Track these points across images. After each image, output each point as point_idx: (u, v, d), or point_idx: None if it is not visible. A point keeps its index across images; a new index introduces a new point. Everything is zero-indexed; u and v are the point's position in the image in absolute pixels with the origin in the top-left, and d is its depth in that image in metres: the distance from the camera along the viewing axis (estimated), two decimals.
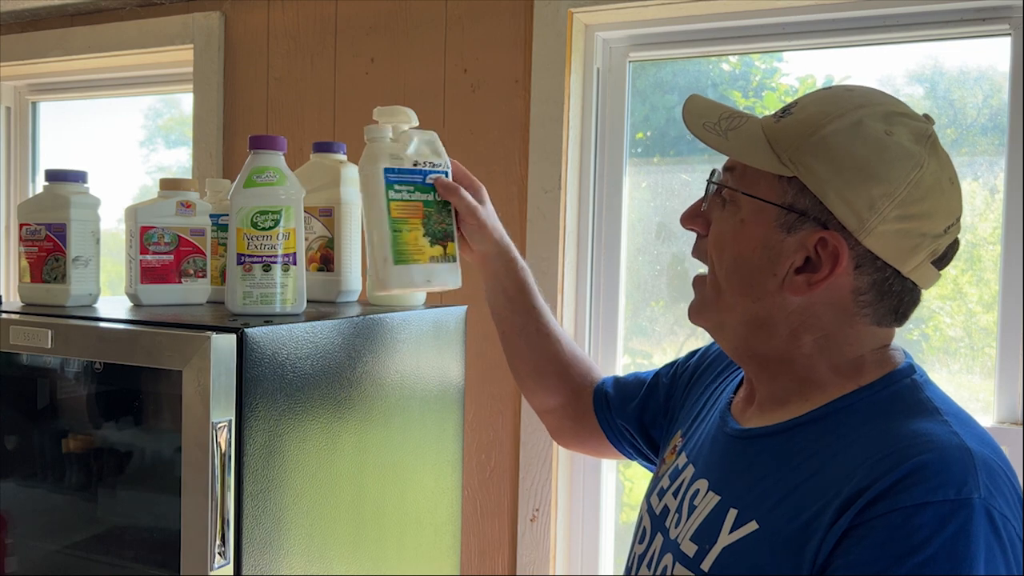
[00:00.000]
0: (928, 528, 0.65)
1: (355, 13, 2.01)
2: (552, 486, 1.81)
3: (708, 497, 0.84)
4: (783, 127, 0.80)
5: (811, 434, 0.79)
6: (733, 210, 0.83)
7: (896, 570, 0.65)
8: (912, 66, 1.70)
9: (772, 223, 0.80)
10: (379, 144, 1.13)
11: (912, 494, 0.66)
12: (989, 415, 1.59)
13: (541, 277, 1.80)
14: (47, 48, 2.38)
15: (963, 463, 0.68)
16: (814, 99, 0.82)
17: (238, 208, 1.11)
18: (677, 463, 0.94)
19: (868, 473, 0.69)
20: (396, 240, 1.09)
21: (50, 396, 1.28)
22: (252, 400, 1.00)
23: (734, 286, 0.83)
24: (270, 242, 1.11)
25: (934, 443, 0.70)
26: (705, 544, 0.80)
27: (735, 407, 0.92)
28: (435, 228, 1.11)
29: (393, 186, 1.10)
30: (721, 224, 0.84)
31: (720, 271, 0.84)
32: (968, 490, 0.66)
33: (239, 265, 1.11)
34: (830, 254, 0.77)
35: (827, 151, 0.76)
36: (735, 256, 0.83)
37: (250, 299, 1.11)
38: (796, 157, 0.77)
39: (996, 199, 1.61)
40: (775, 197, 0.79)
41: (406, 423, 1.29)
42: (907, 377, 0.79)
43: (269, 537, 1.03)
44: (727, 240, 0.83)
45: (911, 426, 0.73)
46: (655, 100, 1.91)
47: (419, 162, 1.12)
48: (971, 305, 1.65)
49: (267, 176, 1.11)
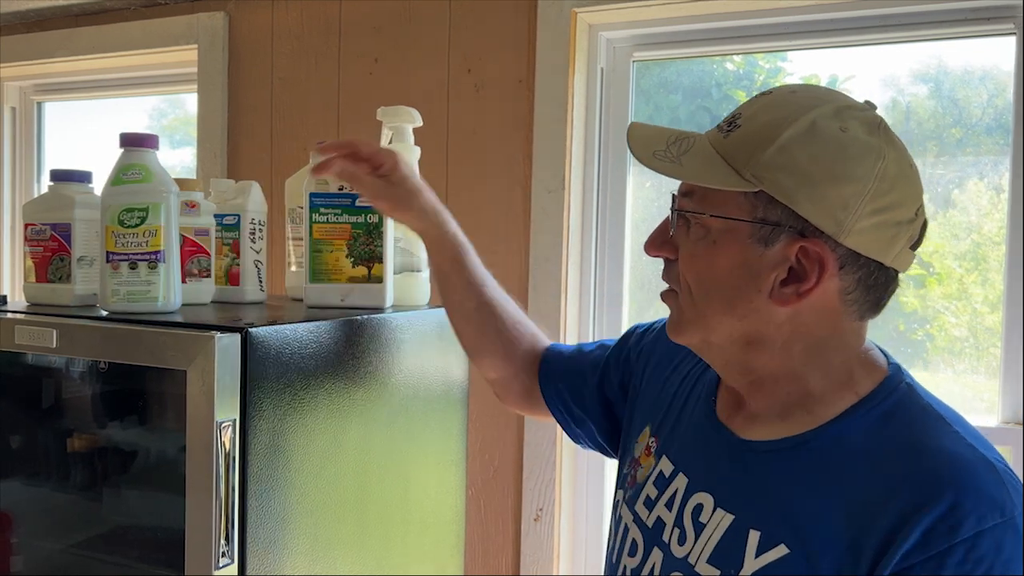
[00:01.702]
0: (989, 557, 0.67)
1: (359, 13, 2.01)
2: (556, 485, 1.81)
3: (718, 515, 0.82)
4: (735, 141, 0.78)
5: (824, 453, 0.78)
6: (701, 232, 0.81)
7: None
8: (916, 65, 1.70)
9: (747, 240, 0.78)
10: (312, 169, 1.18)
11: (966, 526, 0.68)
12: (993, 415, 1.58)
13: (545, 277, 1.80)
14: (52, 48, 2.38)
15: (993, 481, 0.71)
16: (759, 108, 0.80)
17: (106, 206, 1.12)
18: (660, 469, 0.91)
19: (907, 502, 0.70)
20: (314, 260, 1.20)
21: (55, 395, 1.28)
22: (256, 399, 1.00)
23: (716, 307, 0.81)
24: (136, 240, 1.11)
25: (962, 464, 0.72)
26: (729, 569, 0.78)
27: (721, 411, 0.89)
28: (361, 250, 1.20)
29: (318, 209, 1.20)
30: (692, 248, 0.82)
31: (698, 294, 0.82)
32: (1009, 509, 0.69)
33: (108, 263, 1.12)
34: (814, 261, 0.76)
35: (789, 160, 0.75)
36: (713, 279, 0.81)
37: (118, 297, 1.12)
38: (758, 171, 0.76)
39: (1001, 199, 1.61)
40: (745, 214, 0.77)
41: (410, 422, 1.29)
42: (900, 382, 0.80)
43: (273, 537, 1.03)
44: (701, 264, 0.81)
45: (933, 444, 0.74)
46: (659, 100, 1.91)
47: (346, 187, 1.18)
48: (976, 305, 1.65)
49: (133, 174, 1.11)
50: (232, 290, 1.35)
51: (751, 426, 0.84)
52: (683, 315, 0.85)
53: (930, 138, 1.69)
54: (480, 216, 1.88)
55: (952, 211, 1.66)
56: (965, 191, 1.65)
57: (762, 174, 0.75)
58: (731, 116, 0.82)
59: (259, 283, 1.37)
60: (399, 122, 1.35)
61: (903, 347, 1.66)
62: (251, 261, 1.35)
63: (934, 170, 1.68)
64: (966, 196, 1.65)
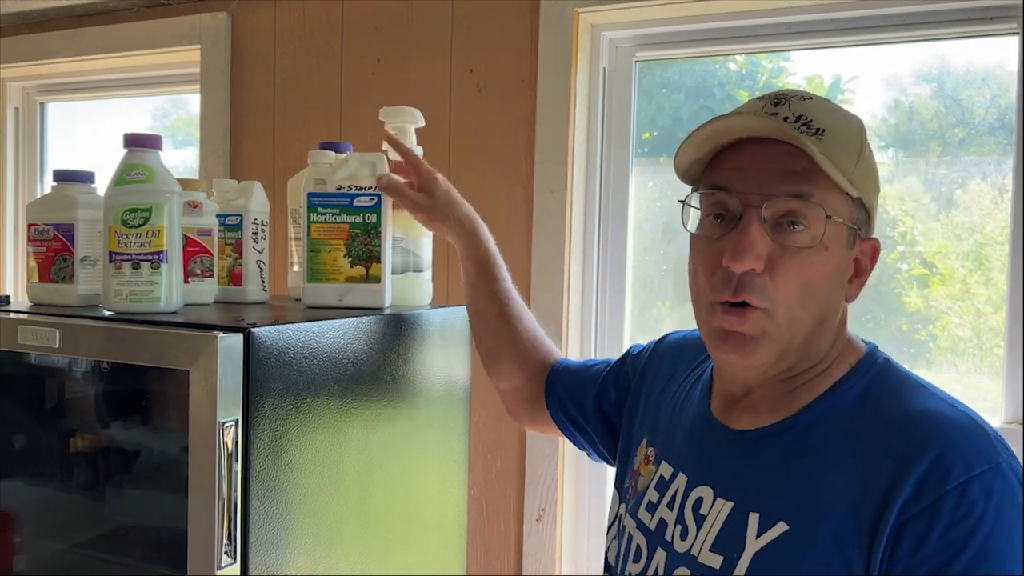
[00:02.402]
0: (981, 502, 0.69)
1: (361, 13, 2.01)
2: (558, 486, 1.81)
3: (718, 504, 0.83)
4: (831, 145, 0.78)
5: (816, 429, 0.80)
6: (808, 238, 0.78)
7: (966, 553, 0.68)
8: (919, 65, 1.69)
9: (843, 244, 0.81)
10: (310, 169, 1.22)
11: (955, 473, 0.70)
12: (996, 416, 1.58)
13: (547, 276, 1.80)
14: (55, 49, 2.39)
15: (976, 432, 0.74)
16: (830, 112, 0.82)
17: (109, 206, 1.12)
18: (661, 474, 0.93)
19: (897, 460, 0.72)
20: (312, 260, 1.20)
21: (58, 395, 1.28)
22: (259, 399, 1.00)
23: (807, 316, 0.80)
24: (139, 240, 1.10)
25: (948, 420, 0.75)
26: (732, 553, 0.79)
27: (717, 411, 0.90)
28: (359, 250, 1.20)
29: (316, 209, 1.20)
30: (800, 258, 0.78)
31: (797, 304, 0.79)
32: (994, 456, 0.72)
33: (111, 263, 1.12)
34: (868, 254, 0.84)
35: (869, 169, 0.82)
36: (817, 287, 0.80)
37: (120, 297, 1.11)
38: (855, 177, 0.79)
39: (1004, 199, 1.61)
40: (848, 217, 0.81)
41: (412, 423, 1.29)
42: (878, 358, 0.84)
43: (276, 536, 1.03)
44: (810, 272, 0.79)
45: (916, 406, 0.77)
46: (661, 100, 1.91)
47: (344, 186, 1.20)
48: (980, 305, 1.64)
49: (136, 174, 1.11)
50: (235, 290, 1.35)
51: (745, 417, 0.86)
52: (767, 333, 0.80)
53: (933, 138, 1.68)
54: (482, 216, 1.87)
55: (955, 211, 1.66)
56: (968, 191, 1.65)
57: (857, 180, 0.80)
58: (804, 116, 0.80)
59: (261, 283, 1.37)
60: (401, 122, 1.35)
61: (906, 347, 1.66)
62: (253, 261, 1.36)
63: (937, 170, 1.67)
64: (969, 196, 1.65)
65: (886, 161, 1.73)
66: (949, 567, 0.68)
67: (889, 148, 1.73)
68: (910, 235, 1.69)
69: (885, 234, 1.69)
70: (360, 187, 1.20)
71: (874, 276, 0.87)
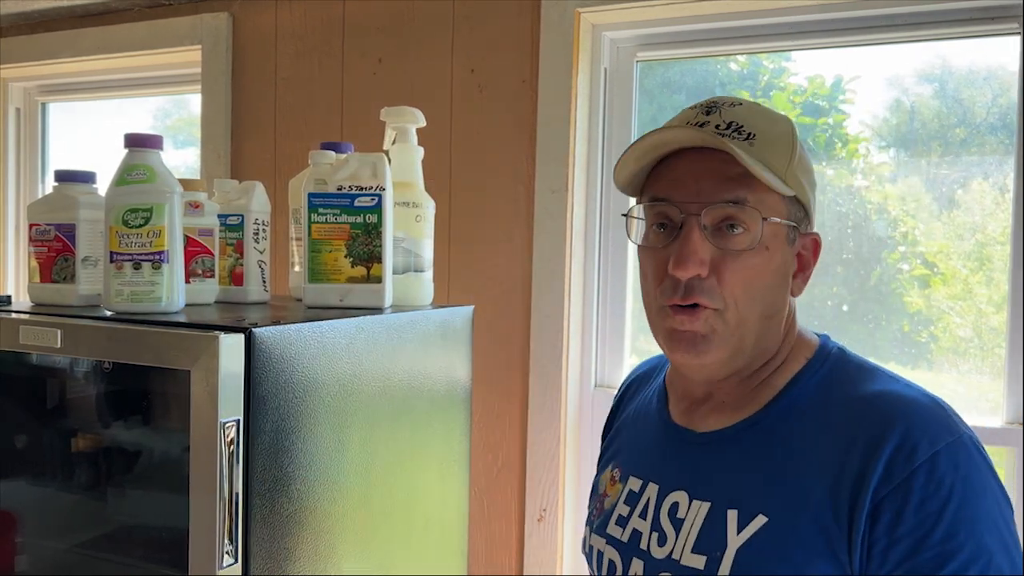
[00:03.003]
0: (949, 474, 0.73)
1: (362, 14, 2.01)
2: (559, 486, 1.81)
3: (695, 506, 0.85)
4: (763, 149, 0.82)
5: (781, 422, 0.83)
6: (748, 240, 0.81)
7: (941, 526, 0.72)
8: (921, 65, 1.69)
9: (784, 242, 0.84)
10: (311, 169, 1.22)
11: (921, 449, 0.74)
12: (998, 416, 1.58)
13: (548, 276, 1.80)
14: (56, 49, 2.39)
15: (935, 409, 0.78)
16: (754, 116, 0.85)
17: (110, 206, 1.12)
18: (630, 488, 0.94)
19: (865, 442, 0.76)
20: (313, 260, 1.20)
21: (59, 396, 1.28)
22: (260, 399, 1.00)
23: (755, 315, 0.83)
24: (140, 240, 1.11)
25: (906, 399, 0.79)
26: (715, 551, 0.81)
27: (677, 417, 0.93)
28: (360, 250, 1.20)
29: (317, 209, 1.20)
30: (741, 258, 0.81)
31: (744, 303, 0.82)
32: (956, 429, 0.76)
33: (112, 263, 1.12)
34: (811, 249, 0.87)
35: (804, 166, 0.86)
36: (762, 285, 0.83)
37: (121, 297, 1.12)
38: (790, 176, 0.83)
39: (1005, 199, 1.61)
40: (785, 216, 0.84)
41: (413, 423, 1.29)
42: (832, 347, 0.88)
43: (277, 536, 1.03)
44: (753, 272, 0.82)
45: (873, 389, 0.81)
46: (662, 100, 1.91)
47: (345, 187, 1.19)
48: (981, 305, 1.64)
49: (137, 174, 1.11)
50: (236, 290, 1.35)
51: (711, 419, 0.89)
52: (716, 331, 0.83)
53: (934, 138, 1.68)
54: (484, 216, 1.88)
55: (956, 211, 1.66)
56: (969, 191, 1.65)
57: (791, 179, 0.83)
58: (735, 123, 0.84)
59: (263, 283, 1.37)
60: (403, 122, 1.35)
61: (907, 348, 1.66)
62: (255, 261, 1.36)
63: (938, 170, 1.67)
64: (970, 196, 1.65)
65: (887, 161, 1.73)
66: (928, 538, 0.72)
67: (890, 148, 1.73)
68: (911, 235, 1.69)
69: (886, 234, 1.69)
70: (361, 187, 1.20)
71: (875, 276, 0.88)
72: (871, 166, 1.74)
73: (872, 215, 1.71)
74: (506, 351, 1.86)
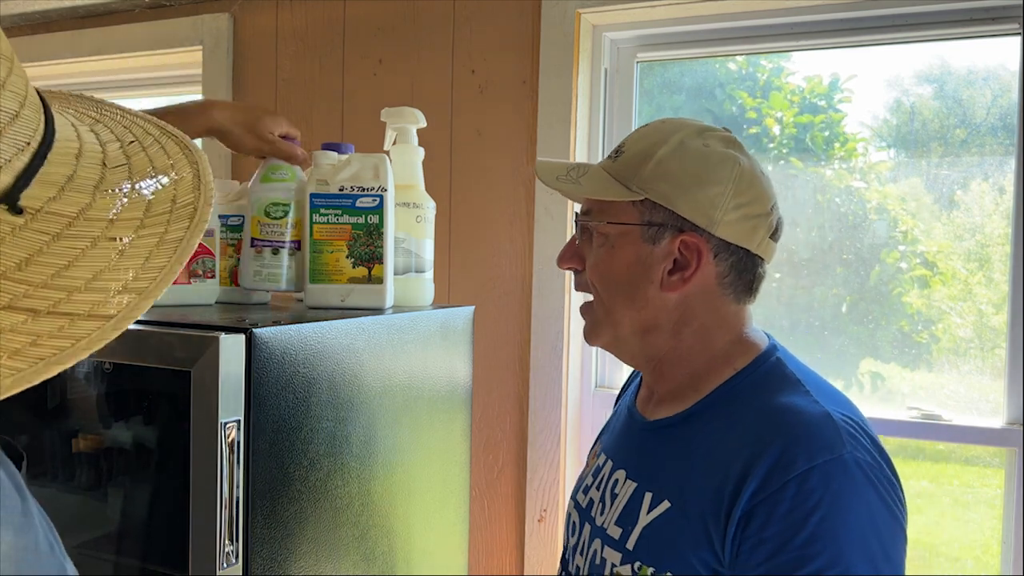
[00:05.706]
0: (819, 489, 0.78)
1: (363, 14, 2.01)
2: (560, 486, 1.81)
3: (627, 485, 0.96)
4: (621, 163, 0.96)
5: (703, 420, 0.92)
6: (601, 240, 0.97)
7: (803, 533, 0.77)
8: (920, 66, 1.70)
9: (639, 241, 0.94)
10: (313, 170, 1.24)
11: (797, 464, 0.79)
12: (998, 416, 1.58)
13: (549, 277, 1.81)
14: (57, 50, 2.39)
15: (828, 427, 0.82)
16: (638, 136, 0.98)
17: (254, 199, 1.24)
18: (599, 463, 1.07)
19: (752, 451, 0.83)
20: (315, 260, 1.22)
21: (60, 396, 1.28)
22: (260, 400, 1.00)
23: (619, 302, 0.96)
24: (279, 230, 1.23)
25: (802, 414, 0.84)
26: (628, 526, 0.92)
27: (640, 404, 1.05)
28: (361, 250, 1.22)
29: (319, 210, 1.22)
30: (596, 255, 0.97)
31: (605, 294, 0.97)
32: (839, 449, 0.80)
33: (252, 247, 1.25)
34: (693, 251, 0.92)
35: (665, 171, 0.93)
36: (615, 277, 0.96)
37: (259, 276, 1.25)
38: (642, 183, 0.93)
39: (1005, 199, 1.61)
40: (635, 219, 0.94)
41: (414, 423, 1.29)
42: (772, 357, 0.94)
43: (277, 537, 1.03)
44: (604, 267, 0.97)
45: (779, 401, 0.87)
46: (662, 100, 1.91)
47: (346, 187, 1.21)
48: (981, 306, 1.64)
49: (281, 174, 1.25)
50: (237, 291, 1.35)
51: (657, 409, 1.00)
52: (595, 317, 1.00)
53: (934, 139, 1.68)
54: (484, 216, 1.88)
55: (956, 212, 1.66)
56: (969, 192, 1.65)
57: (645, 185, 0.93)
58: (618, 146, 0.99)
59: None
60: (403, 123, 1.35)
61: (908, 348, 1.66)
62: None
63: (938, 171, 1.67)
64: (970, 197, 1.65)
65: (887, 161, 1.73)
66: (789, 543, 0.78)
67: (890, 148, 1.73)
68: (911, 235, 1.69)
69: (886, 234, 1.69)
70: (362, 188, 1.20)
71: (875, 276, 0.89)
72: (870, 165, 1.74)
73: (872, 215, 1.71)
74: (506, 351, 1.86)
